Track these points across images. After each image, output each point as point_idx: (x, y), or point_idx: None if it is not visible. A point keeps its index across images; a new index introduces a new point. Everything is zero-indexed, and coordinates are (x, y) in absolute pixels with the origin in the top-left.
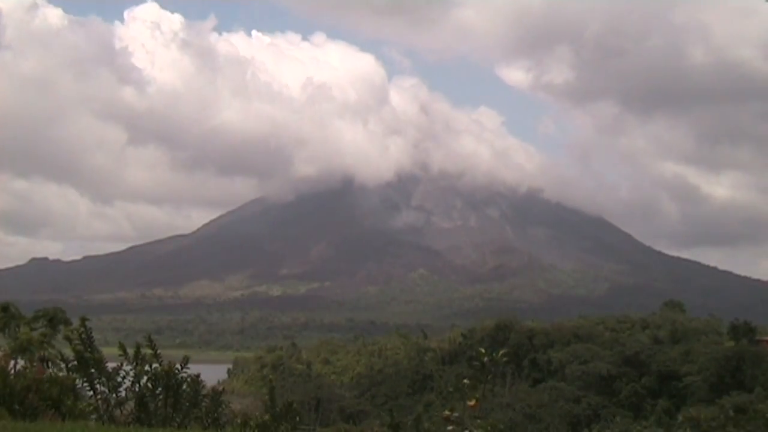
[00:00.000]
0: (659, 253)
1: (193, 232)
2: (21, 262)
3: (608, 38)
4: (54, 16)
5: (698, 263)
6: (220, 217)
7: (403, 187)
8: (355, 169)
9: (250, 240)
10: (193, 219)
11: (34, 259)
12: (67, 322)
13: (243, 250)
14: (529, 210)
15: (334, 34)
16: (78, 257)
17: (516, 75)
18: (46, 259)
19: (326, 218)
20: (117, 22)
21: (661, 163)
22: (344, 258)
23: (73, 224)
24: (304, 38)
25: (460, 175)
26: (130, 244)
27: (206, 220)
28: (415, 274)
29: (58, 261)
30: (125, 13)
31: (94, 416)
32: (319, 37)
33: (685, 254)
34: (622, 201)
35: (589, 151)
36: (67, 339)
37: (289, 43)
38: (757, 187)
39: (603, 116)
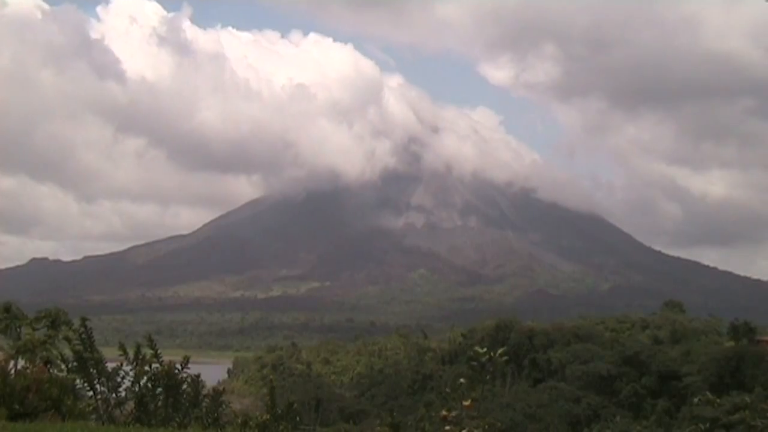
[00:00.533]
0: (659, 253)
1: (193, 233)
2: (21, 262)
3: (594, 33)
4: (29, 4)
5: (698, 263)
6: (220, 217)
7: (403, 187)
8: (353, 170)
9: (251, 240)
10: (182, 218)
11: (34, 259)
12: (68, 323)
13: (243, 251)
14: (528, 210)
15: (314, 30)
16: (78, 257)
17: (500, 72)
18: (46, 259)
19: (327, 218)
20: (92, 13)
21: (654, 160)
22: (344, 258)
23: (64, 223)
24: (283, 36)
25: (460, 175)
26: (122, 242)
27: (197, 219)
28: (415, 274)
29: (58, 261)
30: (98, 8)
31: (94, 416)
32: (297, 35)
33: (684, 254)
34: (618, 200)
35: (580, 150)
36: (67, 339)
37: (268, 40)
38: (751, 184)
39: (591, 113)
